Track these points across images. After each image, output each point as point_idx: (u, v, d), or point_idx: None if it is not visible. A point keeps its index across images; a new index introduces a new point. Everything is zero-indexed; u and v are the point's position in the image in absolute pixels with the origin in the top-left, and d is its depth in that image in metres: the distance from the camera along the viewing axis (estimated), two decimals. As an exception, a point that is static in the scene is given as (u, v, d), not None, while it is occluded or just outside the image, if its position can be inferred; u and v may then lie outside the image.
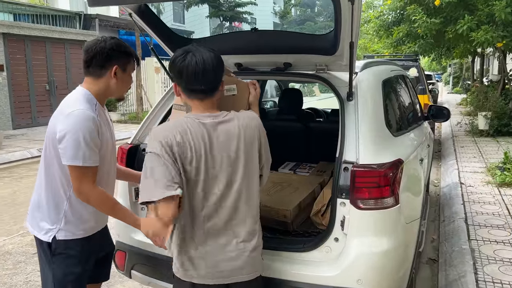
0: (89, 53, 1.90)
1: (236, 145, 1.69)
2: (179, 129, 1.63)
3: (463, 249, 3.66)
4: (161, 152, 1.59)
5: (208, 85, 1.67)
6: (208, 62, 1.63)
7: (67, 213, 1.93)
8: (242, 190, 1.73)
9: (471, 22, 8.12)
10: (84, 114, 1.82)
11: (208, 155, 1.65)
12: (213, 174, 1.68)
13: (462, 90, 24.62)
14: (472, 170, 6.51)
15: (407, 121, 3.26)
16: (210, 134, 1.66)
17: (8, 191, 6.16)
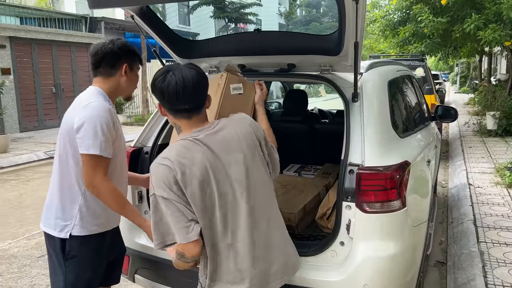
0: (98, 54, 1.97)
1: (239, 150, 1.61)
2: (176, 162, 1.50)
3: (472, 252, 3.60)
4: (168, 195, 1.49)
5: (192, 103, 1.56)
6: (188, 80, 1.53)
7: (82, 208, 1.96)
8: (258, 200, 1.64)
9: (478, 21, 8.04)
10: (102, 105, 1.88)
11: (216, 172, 1.55)
12: (225, 189, 1.57)
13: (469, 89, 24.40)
14: (481, 171, 6.42)
15: (413, 122, 3.21)
16: (210, 148, 1.56)
17: (15, 194, 6.18)
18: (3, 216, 5.20)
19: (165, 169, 1.50)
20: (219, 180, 1.56)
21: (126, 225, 2.60)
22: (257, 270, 1.62)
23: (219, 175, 1.56)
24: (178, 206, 1.50)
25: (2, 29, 11.26)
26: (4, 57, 11.38)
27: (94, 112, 1.85)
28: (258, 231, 1.62)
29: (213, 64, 2.75)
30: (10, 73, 11.49)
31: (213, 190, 1.54)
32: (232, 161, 1.59)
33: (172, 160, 1.51)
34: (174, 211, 1.50)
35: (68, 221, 1.96)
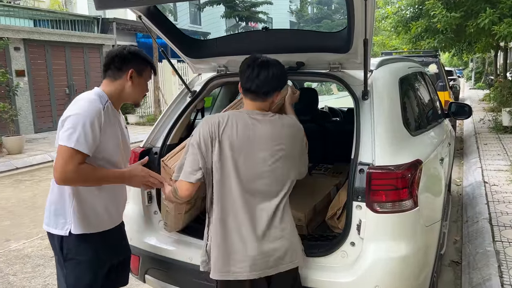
0: (109, 56, 2.01)
1: (277, 142, 1.84)
2: (219, 121, 1.82)
3: (488, 251, 3.53)
4: (197, 144, 1.82)
5: (260, 88, 1.84)
6: (264, 71, 1.83)
7: (76, 207, 1.93)
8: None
9: (493, 15, 7.88)
10: (90, 102, 1.88)
11: (250, 145, 1.81)
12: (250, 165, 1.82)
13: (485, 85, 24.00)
14: (496, 168, 6.30)
15: (426, 119, 3.16)
16: (255, 126, 1.82)
17: (29, 194, 6.27)
18: (18, 216, 5.27)
19: (209, 124, 1.82)
20: (247, 153, 1.81)
21: (136, 226, 2.61)
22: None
23: (248, 150, 1.81)
24: (198, 155, 1.81)
25: (17, 31, 11.42)
26: (18, 59, 11.54)
27: (80, 107, 1.85)
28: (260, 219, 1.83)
29: (222, 64, 2.74)
30: (24, 75, 11.65)
31: (239, 157, 1.80)
32: (264, 148, 1.82)
33: (219, 119, 1.82)
34: (193, 156, 1.83)
35: (68, 218, 1.94)
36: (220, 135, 1.80)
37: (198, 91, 2.81)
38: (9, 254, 4.14)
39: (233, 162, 1.81)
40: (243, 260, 1.81)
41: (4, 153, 8.94)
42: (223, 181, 1.83)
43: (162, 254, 2.47)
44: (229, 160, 1.81)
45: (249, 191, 1.83)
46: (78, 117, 1.81)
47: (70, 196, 1.93)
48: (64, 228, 1.94)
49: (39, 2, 17.57)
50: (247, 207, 1.82)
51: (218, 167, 1.81)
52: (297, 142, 1.96)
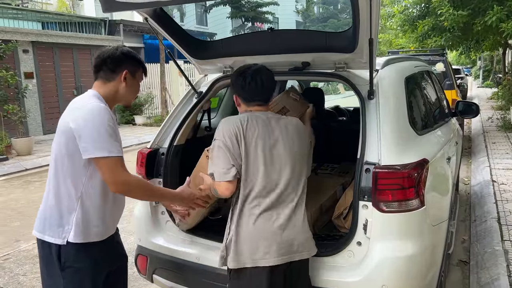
0: (100, 57, 1.95)
1: (292, 138, 2.00)
2: (242, 121, 1.95)
3: (496, 251, 3.51)
4: (224, 143, 1.92)
5: (264, 97, 2.07)
6: (266, 81, 2.03)
7: (78, 215, 1.87)
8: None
9: (500, 13, 7.81)
10: (98, 106, 1.83)
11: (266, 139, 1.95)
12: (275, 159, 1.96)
13: (493, 83, 23.77)
14: (505, 167, 6.25)
15: (433, 118, 3.15)
16: (271, 123, 1.99)
17: (39, 195, 6.32)
18: (27, 217, 5.33)
19: (231, 124, 1.94)
20: (270, 148, 1.95)
21: (144, 226, 2.63)
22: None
23: (271, 145, 1.96)
24: (227, 153, 1.89)
25: (25, 34, 11.54)
26: (27, 61, 11.66)
27: (95, 114, 1.79)
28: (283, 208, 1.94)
29: (228, 64, 2.75)
30: (33, 77, 11.76)
31: (262, 152, 1.93)
32: (277, 141, 1.97)
33: (240, 119, 1.96)
34: (223, 156, 1.91)
35: (65, 227, 1.87)
36: (244, 133, 1.92)
37: (204, 92, 2.83)
38: (19, 254, 4.19)
39: (260, 158, 1.92)
40: (269, 245, 1.88)
41: (13, 155, 9.04)
42: (251, 174, 1.92)
43: (169, 254, 2.49)
44: (255, 155, 1.92)
45: (272, 185, 1.93)
46: (97, 123, 1.78)
47: (73, 205, 1.87)
48: (62, 237, 1.86)
49: (47, 5, 17.72)
50: (271, 200, 1.93)
51: (245, 162, 1.92)
52: (305, 141, 2.10)
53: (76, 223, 1.87)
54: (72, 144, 1.81)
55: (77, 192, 1.87)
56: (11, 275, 3.76)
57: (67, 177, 1.86)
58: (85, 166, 1.84)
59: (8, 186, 7.06)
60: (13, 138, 9.18)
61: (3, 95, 9.07)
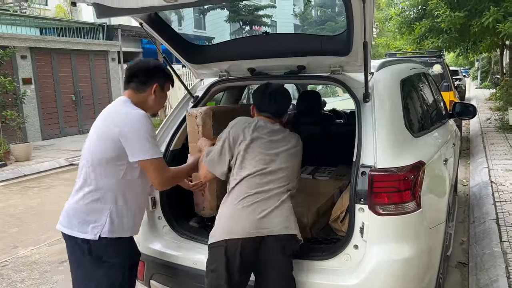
0: (133, 69, 2.11)
1: (289, 147, 2.19)
2: (242, 125, 2.20)
3: (495, 252, 3.50)
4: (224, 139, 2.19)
5: (274, 111, 2.27)
6: (280, 95, 2.28)
7: (112, 213, 2.02)
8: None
9: (497, 13, 7.83)
10: (142, 112, 2.01)
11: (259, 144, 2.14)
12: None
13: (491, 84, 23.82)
14: (504, 168, 6.25)
15: (429, 120, 3.14)
16: (274, 130, 2.21)
17: (37, 201, 6.32)
18: (25, 223, 5.32)
19: (242, 121, 2.22)
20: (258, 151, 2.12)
21: (141, 231, 2.61)
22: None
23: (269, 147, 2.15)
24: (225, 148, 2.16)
25: (23, 40, 11.55)
26: (25, 67, 11.66)
27: (139, 120, 1.97)
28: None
29: (223, 69, 2.75)
30: (31, 82, 11.76)
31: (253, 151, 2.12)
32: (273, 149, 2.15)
33: (240, 122, 2.21)
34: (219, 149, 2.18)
35: (98, 222, 2.00)
36: (251, 129, 2.16)
37: (200, 96, 2.83)
38: (17, 260, 4.17)
39: (256, 155, 2.11)
40: (241, 223, 2.03)
41: (12, 161, 9.03)
42: (243, 169, 2.11)
43: (166, 259, 2.48)
44: (253, 151, 2.12)
45: (262, 179, 2.08)
46: (143, 128, 1.96)
47: (109, 203, 2.02)
48: (94, 233, 2.00)
49: (45, 11, 17.75)
50: (257, 191, 2.06)
51: (243, 155, 2.12)
52: (299, 156, 2.29)
53: (111, 219, 2.02)
54: (117, 148, 1.96)
55: (114, 190, 2.02)
56: (9, 281, 3.74)
57: (106, 177, 2.01)
58: (124, 166, 2.01)
59: (6, 192, 7.04)
60: (12, 144, 9.17)
61: (1, 101, 9.06)
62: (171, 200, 2.63)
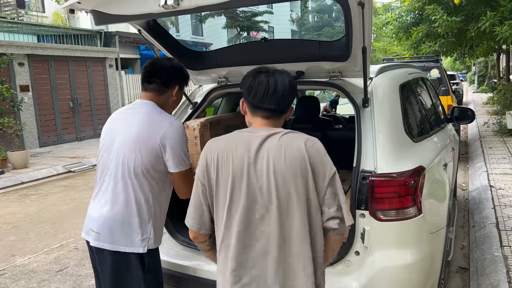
0: (152, 70, 2.06)
1: (273, 160, 1.51)
2: (220, 147, 1.57)
3: (496, 257, 3.49)
4: (200, 175, 1.61)
5: (275, 106, 1.58)
6: (281, 82, 1.58)
7: (156, 222, 2.04)
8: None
9: (493, 18, 7.87)
10: (182, 126, 2.05)
11: (251, 172, 1.51)
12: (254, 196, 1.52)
13: (488, 88, 23.93)
14: (502, 172, 6.25)
15: (428, 125, 3.14)
16: (258, 147, 1.52)
17: (34, 209, 6.28)
18: (23, 231, 5.28)
19: (205, 151, 1.62)
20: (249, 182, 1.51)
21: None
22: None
23: (253, 178, 1.51)
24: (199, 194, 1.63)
25: (21, 47, 11.54)
26: (22, 74, 11.65)
27: (180, 132, 1.99)
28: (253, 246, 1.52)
29: (222, 75, 2.75)
30: (28, 90, 11.73)
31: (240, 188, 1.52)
32: (265, 172, 1.50)
33: (214, 145, 1.60)
34: (196, 198, 1.65)
35: (144, 235, 1.99)
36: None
37: (199, 102, 2.82)
38: (15, 269, 4.13)
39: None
40: None
41: (9, 168, 8.98)
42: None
43: (166, 267, 2.45)
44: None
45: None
46: (183, 141, 2.00)
47: (151, 213, 2.01)
48: (142, 245, 1.98)
49: (42, 18, 17.77)
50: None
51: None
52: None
53: (154, 230, 2.02)
54: (157, 158, 1.95)
55: (153, 200, 2.01)
56: (6, 290, 3.71)
57: (146, 187, 1.98)
58: (162, 175, 2.01)
59: (4, 200, 7.00)
60: (9, 151, 9.13)
61: (-1, 108, 9.05)
62: (170, 207, 2.61)
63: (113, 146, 1.99)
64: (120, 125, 2.03)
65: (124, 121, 2.03)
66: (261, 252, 1.50)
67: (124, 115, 2.07)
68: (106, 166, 2.00)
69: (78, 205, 6.28)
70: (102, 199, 1.99)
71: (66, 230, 5.12)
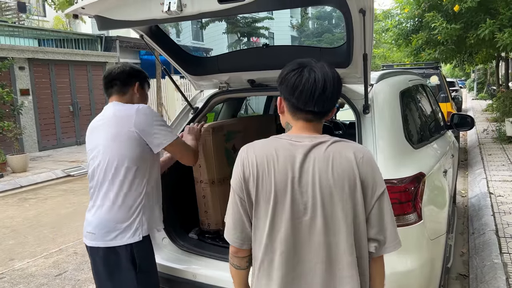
0: (112, 74, 2.16)
1: (320, 174, 1.33)
2: (259, 157, 1.37)
3: (495, 264, 3.48)
4: (236, 187, 1.41)
5: (322, 107, 1.37)
6: (330, 81, 1.35)
7: (145, 209, 2.08)
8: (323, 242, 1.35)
9: (493, 26, 7.91)
10: (147, 106, 2.10)
11: (295, 187, 1.34)
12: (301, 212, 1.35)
13: (487, 95, 24.00)
14: (502, 179, 6.26)
15: (428, 131, 3.15)
16: (303, 158, 1.34)
17: (33, 213, 6.27)
18: (22, 235, 5.27)
19: (242, 160, 1.41)
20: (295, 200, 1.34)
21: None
22: None
23: (298, 194, 1.34)
24: (238, 205, 1.42)
25: (21, 51, 11.57)
26: (23, 78, 11.67)
27: (149, 112, 2.04)
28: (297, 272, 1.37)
29: (223, 80, 2.76)
30: (29, 93, 11.76)
31: (284, 204, 1.35)
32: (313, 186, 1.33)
33: (255, 153, 1.39)
34: (233, 208, 1.45)
35: (136, 224, 2.04)
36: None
37: (200, 107, 2.83)
38: (13, 273, 4.12)
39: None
40: None
41: (8, 172, 8.97)
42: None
43: (166, 272, 2.45)
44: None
45: None
46: (157, 118, 2.06)
47: (141, 202, 2.06)
48: (137, 234, 2.04)
49: (43, 22, 17.83)
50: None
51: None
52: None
53: (146, 218, 2.08)
54: (140, 146, 2.02)
55: (143, 188, 2.07)
56: (4, 295, 3.70)
57: (135, 178, 2.04)
58: (145, 165, 2.06)
59: (2, 203, 6.99)
60: (8, 155, 9.13)
61: (-1, 112, 9.06)
62: (170, 211, 2.62)
63: (98, 153, 2.08)
64: (98, 133, 2.11)
65: (100, 128, 2.11)
66: (307, 275, 1.35)
67: (99, 122, 2.14)
68: (95, 173, 2.09)
69: (77, 209, 6.27)
70: (96, 202, 2.09)
71: (65, 234, 5.11)
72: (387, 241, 1.40)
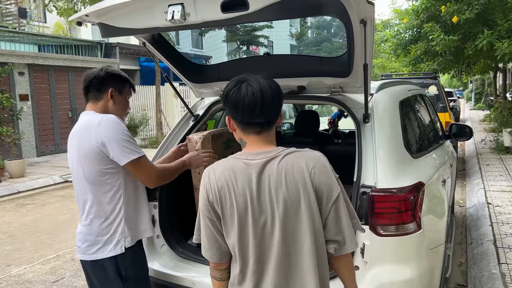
0: (86, 79, 2.08)
1: (275, 189, 1.39)
2: (219, 182, 1.42)
3: (493, 274, 3.48)
4: (204, 210, 1.47)
5: (266, 118, 1.43)
6: (266, 91, 1.41)
7: (128, 218, 2.02)
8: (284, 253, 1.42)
9: (491, 37, 7.99)
10: (112, 117, 1.96)
11: (254, 206, 1.40)
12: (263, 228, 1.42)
13: (485, 106, 24.12)
14: (499, 189, 6.28)
15: (427, 141, 3.17)
16: (258, 178, 1.39)
17: (30, 219, 6.24)
18: (19, 241, 5.24)
19: (207, 183, 1.45)
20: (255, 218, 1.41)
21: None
22: None
23: (257, 212, 1.41)
24: (209, 227, 1.48)
25: (21, 57, 11.60)
26: (22, 83, 11.68)
27: (111, 125, 1.92)
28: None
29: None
30: (28, 99, 11.76)
31: (247, 223, 1.42)
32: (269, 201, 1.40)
33: (216, 176, 1.43)
34: (205, 231, 1.51)
35: (118, 235, 1.99)
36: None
37: (201, 115, 2.85)
38: (10, 279, 4.10)
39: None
40: None
41: (6, 177, 8.95)
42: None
43: (164, 279, 2.45)
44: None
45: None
46: (119, 132, 1.92)
47: (120, 214, 1.99)
48: (119, 246, 1.99)
49: (43, 28, 17.89)
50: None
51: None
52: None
53: (128, 228, 2.01)
54: (105, 160, 1.92)
55: (119, 199, 1.99)
56: (1, 301, 3.67)
57: (108, 192, 1.97)
58: (119, 174, 1.97)
59: (0, 209, 6.96)
60: (6, 160, 9.11)
61: (-2, 117, 9.05)
62: (169, 218, 2.62)
63: (72, 165, 2.04)
64: (71, 144, 2.05)
65: (72, 140, 2.05)
66: (274, 285, 1.42)
67: (74, 133, 2.07)
68: (74, 185, 2.07)
69: (74, 215, 6.25)
70: (80, 215, 2.07)
71: (62, 241, 5.09)
72: (347, 241, 1.45)
